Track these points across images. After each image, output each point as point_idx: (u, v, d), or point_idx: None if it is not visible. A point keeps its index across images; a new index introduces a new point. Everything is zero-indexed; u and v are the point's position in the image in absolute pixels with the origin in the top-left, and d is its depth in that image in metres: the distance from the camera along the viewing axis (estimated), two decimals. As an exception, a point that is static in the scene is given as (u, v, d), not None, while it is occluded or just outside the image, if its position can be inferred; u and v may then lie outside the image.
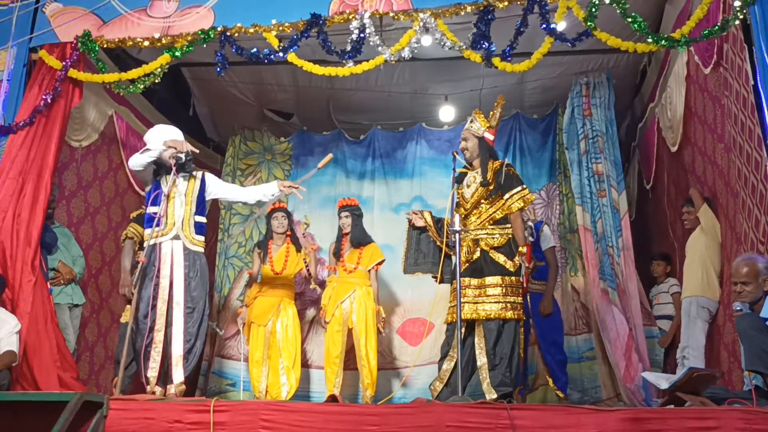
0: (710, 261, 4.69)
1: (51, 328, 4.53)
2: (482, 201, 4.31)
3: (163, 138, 4.41)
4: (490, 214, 4.31)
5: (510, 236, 4.27)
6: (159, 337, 4.11)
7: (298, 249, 5.58)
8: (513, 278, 4.20)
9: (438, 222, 4.54)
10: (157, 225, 4.22)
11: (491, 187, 4.28)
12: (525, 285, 4.32)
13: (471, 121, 4.47)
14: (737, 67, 4.20)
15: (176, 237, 4.26)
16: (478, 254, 4.24)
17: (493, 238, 4.26)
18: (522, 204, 4.26)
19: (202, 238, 4.37)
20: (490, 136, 4.42)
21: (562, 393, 4.92)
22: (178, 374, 4.12)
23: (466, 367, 4.16)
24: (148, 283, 4.16)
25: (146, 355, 4.08)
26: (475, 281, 4.21)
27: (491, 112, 4.47)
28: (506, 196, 4.27)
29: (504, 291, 4.15)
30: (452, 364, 4.19)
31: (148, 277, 4.16)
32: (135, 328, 4.15)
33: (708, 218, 4.73)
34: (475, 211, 4.33)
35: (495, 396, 3.98)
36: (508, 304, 4.14)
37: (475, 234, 4.26)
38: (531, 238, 4.76)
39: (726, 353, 4.43)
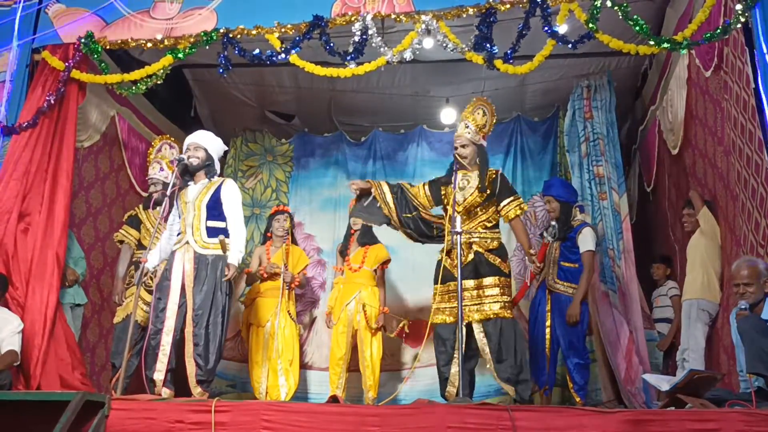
0: (710, 263, 4.69)
1: (60, 327, 4.58)
2: (477, 206, 4.35)
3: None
4: (482, 220, 4.37)
5: (500, 240, 4.39)
6: (167, 339, 4.16)
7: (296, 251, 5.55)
8: (507, 279, 4.32)
9: (395, 190, 4.50)
10: (177, 234, 4.39)
11: (487, 193, 4.33)
12: (528, 282, 4.44)
13: (466, 126, 4.45)
14: (738, 70, 4.21)
15: (187, 243, 4.32)
16: (471, 256, 4.26)
17: (486, 241, 4.32)
18: (519, 212, 4.36)
19: (216, 241, 4.30)
20: (483, 142, 4.51)
21: (579, 397, 4.77)
22: (195, 375, 4.19)
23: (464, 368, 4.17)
24: (161, 287, 4.28)
25: (153, 357, 4.14)
26: (471, 282, 4.23)
27: (484, 118, 4.48)
28: (503, 203, 4.36)
29: (501, 291, 4.24)
30: (458, 366, 4.19)
31: (164, 284, 4.27)
32: (149, 324, 4.27)
33: (708, 221, 4.73)
34: (466, 214, 4.35)
35: (508, 387, 4.12)
36: (506, 304, 4.23)
37: (468, 237, 4.28)
38: (550, 238, 4.81)
39: (725, 356, 4.42)
